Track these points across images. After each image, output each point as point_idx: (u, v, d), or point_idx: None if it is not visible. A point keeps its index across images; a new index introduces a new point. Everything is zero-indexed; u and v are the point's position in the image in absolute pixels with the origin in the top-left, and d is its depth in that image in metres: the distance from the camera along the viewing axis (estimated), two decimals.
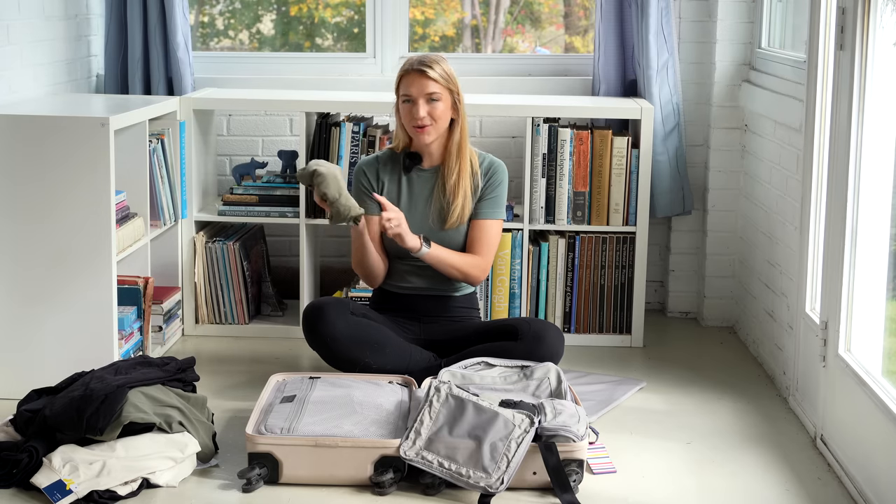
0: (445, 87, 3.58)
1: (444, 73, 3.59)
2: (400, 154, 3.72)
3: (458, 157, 3.64)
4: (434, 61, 3.60)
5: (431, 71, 3.56)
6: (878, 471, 2.86)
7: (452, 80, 3.61)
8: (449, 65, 3.64)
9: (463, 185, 3.64)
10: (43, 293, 3.60)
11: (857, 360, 3.09)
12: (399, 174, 3.71)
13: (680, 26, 4.52)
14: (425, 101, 3.57)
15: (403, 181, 3.71)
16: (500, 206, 3.71)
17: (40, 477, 2.90)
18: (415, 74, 3.57)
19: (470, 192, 3.66)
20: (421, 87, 3.56)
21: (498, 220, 3.72)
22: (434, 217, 3.67)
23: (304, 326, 3.61)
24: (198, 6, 5.06)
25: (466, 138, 3.67)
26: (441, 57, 3.65)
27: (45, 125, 3.56)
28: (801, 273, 3.57)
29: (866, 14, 3.05)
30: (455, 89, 3.62)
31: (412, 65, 3.59)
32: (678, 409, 3.65)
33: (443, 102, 3.58)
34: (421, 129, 3.59)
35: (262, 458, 3.01)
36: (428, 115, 3.57)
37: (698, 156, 4.60)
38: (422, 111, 3.56)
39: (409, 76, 3.58)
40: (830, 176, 3.25)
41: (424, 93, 3.56)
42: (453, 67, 3.67)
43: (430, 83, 3.56)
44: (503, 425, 2.99)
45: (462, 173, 3.64)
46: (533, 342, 3.52)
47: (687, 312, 4.69)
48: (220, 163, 4.72)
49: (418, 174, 3.71)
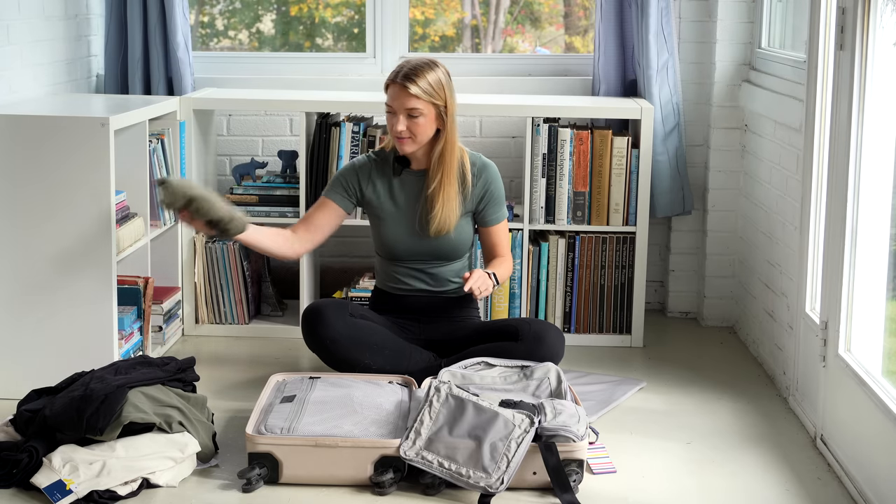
0: (428, 102, 3.50)
1: (428, 87, 3.48)
2: (390, 155, 3.70)
3: (441, 167, 3.58)
4: (421, 74, 3.48)
5: (414, 87, 3.47)
6: (878, 471, 2.86)
7: (439, 93, 3.51)
8: (442, 72, 3.53)
9: (444, 193, 3.58)
10: (43, 293, 3.60)
11: (857, 360, 3.09)
12: (389, 176, 3.69)
13: (680, 26, 4.52)
14: (405, 115, 3.51)
15: (395, 183, 3.69)
16: (503, 206, 3.72)
17: (40, 477, 2.90)
18: (397, 88, 3.50)
19: (456, 201, 3.61)
20: (402, 101, 3.50)
21: (505, 221, 3.73)
22: (420, 222, 3.66)
23: (303, 329, 3.60)
24: (198, 6, 5.06)
25: (453, 148, 3.58)
26: (432, 65, 3.53)
27: (45, 125, 3.56)
28: (801, 273, 3.57)
29: (866, 14, 3.05)
30: (441, 102, 3.52)
31: (397, 76, 3.50)
32: (678, 409, 3.65)
33: (424, 117, 3.51)
34: (400, 140, 3.57)
35: (262, 458, 3.01)
36: (407, 129, 3.52)
37: (698, 156, 4.60)
38: (400, 125, 3.51)
39: (393, 88, 3.51)
40: (830, 176, 3.25)
41: (405, 108, 3.50)
42: (453, 68, 3.65)
43: (410, 99, 3.48)
44: (503, 425, 2.99)
45: (444, 182, 3.58)
46: (533, 342, 3.52)
47: (687, 312, 4.69)
48: (220, 163, 4.72)
49: (408, 176, 3.69)
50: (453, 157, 3.60)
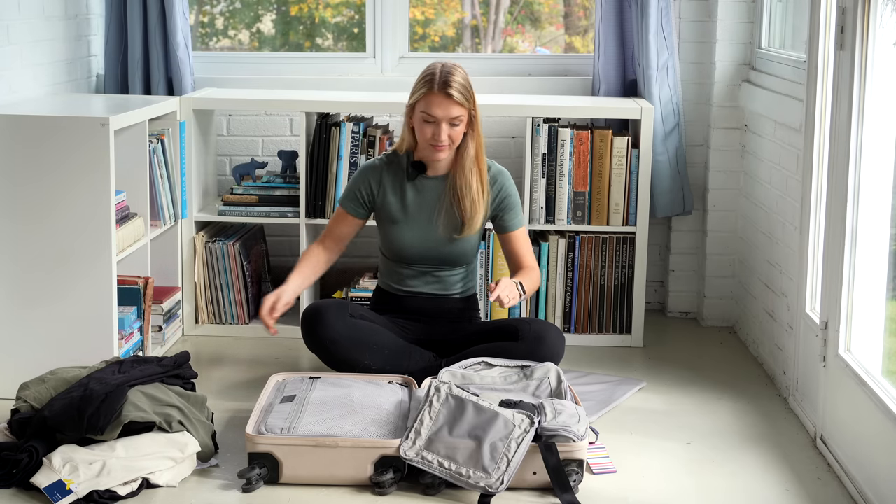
0: (466, 109, 3.52)
1: (465, 92, 3.50)
2: (403, 158, 3.69)
3: (476, 171, 3.59)
4: (458, 81, 3.49)
5: (457, 95, 3.47)
6: (878, 471, 2.86)
7: (471, 96, 3.53)
8: (465, 73, 3.55)
9: (484, 196, 3.61)
10: (43, 293, 3.60)
11: (857, 360, 3.09)
12: (402, 180, 3.69)
13: (680, 26, 4.52)
14: (448, 124, 3.51)
15: (408, 188, 3.67)
16: (521, 211, 3.72)
17: (40, 477, 2.90)
18: (441, 97, 3.47)
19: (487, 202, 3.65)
20: (446, 111, 3.49)
21: (524, 228, 3.73)
22: (443, 227, 3.65)
23: (302, 330, 3.60)
24: (198, 6, 5.06)
25: (483, 150, 3.61)
26: (458, 69, 3.54)
27: (46, 125, 3.56)
28: (801, 273, 3.56)
29: (866, 14, 3.05)
30: (472, 106, 3.54)
31: (437, 85, 3.48)
32: (678, 409, 3.65)
33: (463, 124, 3.53)
34: (439, 147, 3.55)
35: (262, 458, 3.01)
36: (448, 136, 3.53)
37: (698, 156, 4.60)
38: (443, 135, 3.51)
39: (435, 98, 3.48)
40: (830, 176, 3.25)
41: (449, 117, 3.50)
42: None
43: (454, 107, 3.48)
44: (503, 425, 2.99)
45: (481, 187, 3.60)
46: (534, 342, 3.52)
47: (687, 312, 4.69)
48: (220, 163, 4.72)
49: (423, 182, 3.68)
50: (483, 157, 3.62)
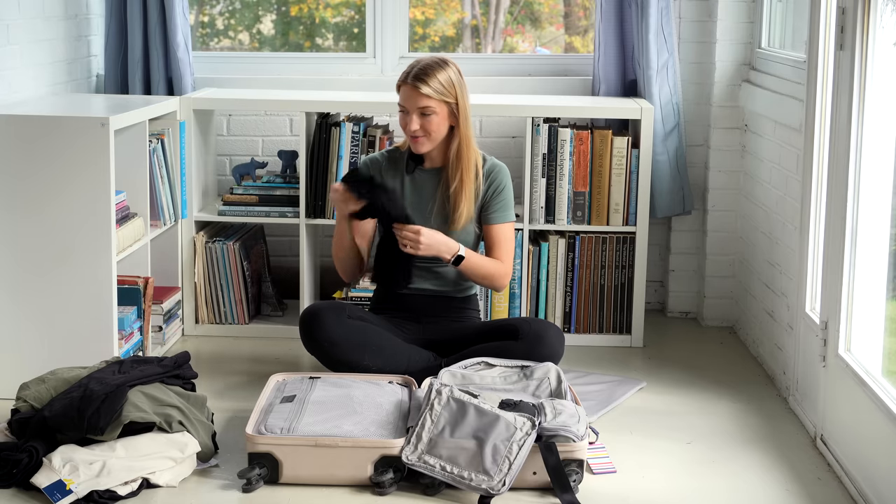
0: (440, 101, 3.53)
1: (439, 86, 3.53)
2: (404, 153, 3.72)
3: (459, 164, 3.61)
4: (432, 74, 3.52)
5: (425, 87, 3.51)
6: (878, 471, 2.86)
7: (450, 91, 3.55)
8: (453, 70, 3.57)
9: (466, 191, 3.61)
10: (43, 293, 3.60)
11: (857, 360, 3.09)
12: (402, 173, 3.71)
13: (680, 26, 4.52)
14: (418, 115, 3.55)
15: (407, 180, 3.70)
16: (510, 209, 3.71)
17: (40, 477, 2.90)
18: (408, 88, 3.54)
19: (472, 197, 3.65)
20: (414, 101, 3.54)
21: (510, 223, 3.72)
22: (437, 218, 3.67)
23: (301, 332, 3.60)
24: (198, 6, 5.06)
25: (469, 144, 3.62)
26: (442, 64, 3.56)
27: (46, 125, 3.56)
28: (801, 273, 3.56)
29: (866, 14, 3.05)
30: (452, 100, 3.56)
31: (407, 77, 3.55)
32: (678, 409, 3.65)
33: (437, 115, 3.55)
34: (414, 139, 3.59)
35: (262, 458, 3.01)
36: (421, 127, 3.55)
37: (698, 156, 4.60)
38: (414, 125, 3.55)
39: (405, 88, 3.56)
40: (830, 176, 3.25)
41: (417, 107, 3.54)
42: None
43: (422, 98, 3.52)
44: (504, 428, 2.99)
45: (464, 180, 3.61)
46: (533, 342, 3.52)
47: (687, 312, 4.69)
48: (220, 163, 4.72)
49: (420, 174, 3.70)
50: (470, 152, 3.62)
